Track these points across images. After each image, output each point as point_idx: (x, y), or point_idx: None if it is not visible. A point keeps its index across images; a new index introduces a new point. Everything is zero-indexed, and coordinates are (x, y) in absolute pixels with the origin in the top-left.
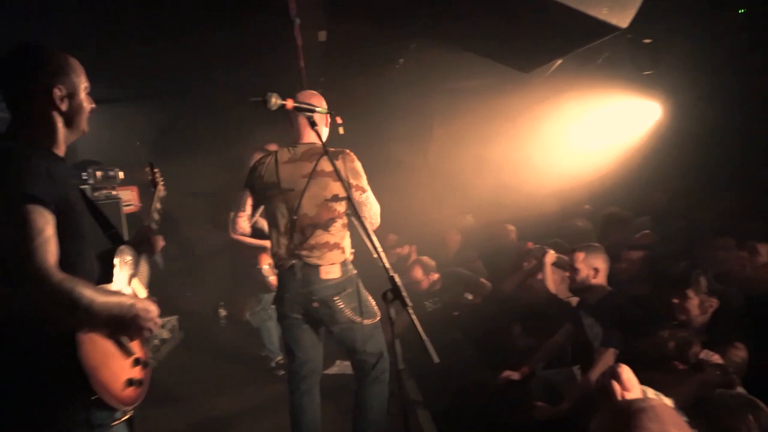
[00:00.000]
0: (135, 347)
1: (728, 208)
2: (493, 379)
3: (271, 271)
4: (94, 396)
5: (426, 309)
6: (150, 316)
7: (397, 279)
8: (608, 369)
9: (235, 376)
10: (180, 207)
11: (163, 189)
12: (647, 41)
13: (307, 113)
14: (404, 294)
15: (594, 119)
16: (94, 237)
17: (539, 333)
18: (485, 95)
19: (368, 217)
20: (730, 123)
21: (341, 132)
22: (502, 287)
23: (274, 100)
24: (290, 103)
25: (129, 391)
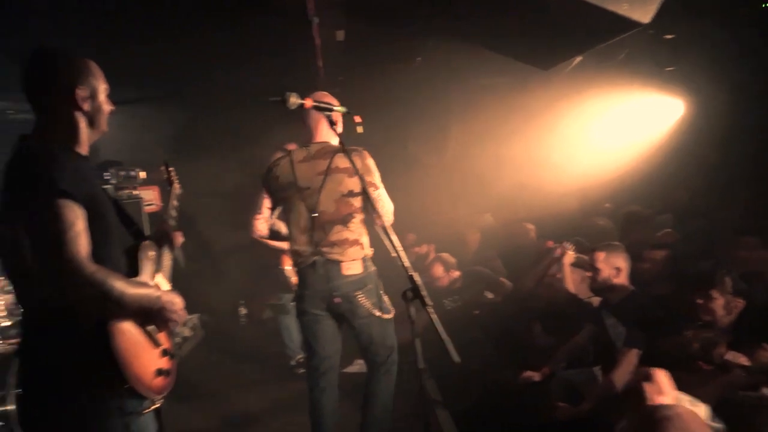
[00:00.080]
0: (162, 338)
1: (751, 207)
2: (514, 380)
3: (294, 272)
4: (127, 385)
5: (445, 307)
6: (175, 308)
7: (417, 278)
8: (642, 371)
9: (255, 374)
10: (199, 206)
11: (179, 187)
12: (669, 37)
13: (326, 112)
14: (424, 293)
15: (614, 116)
16: (119, 233)
17: (559, 332)
18: (504, 93)
19: (382, 214)
20: (754, 120)
21: (360, 131)
22: (522, 284)
23: (293, 100)
24: (309, 103)
25: (158, 381)
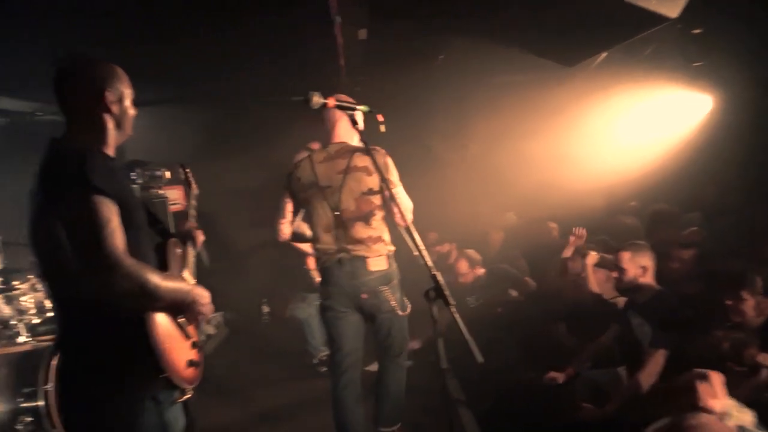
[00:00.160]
0: (191, 331)
1: None
2: (538, 380)
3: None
4: (163, 374)
5: (468, 305)
6: (205, 302)
7: (440, 277)
8: (697, 372)
9: (278, 372)
10: (222, 205)
11: (196, 188)
12: (697, 31)
13: (348, 111)
14: (447, 292)
15: (641, 113)
16: (147, 231)
17: (584, 333)
18: (527, 90)
19: (402, 211)
20: None
21: (382, 130)
22: (544, 279)
23: (316, 99)
24: (332, 102)
25: (190, 371)
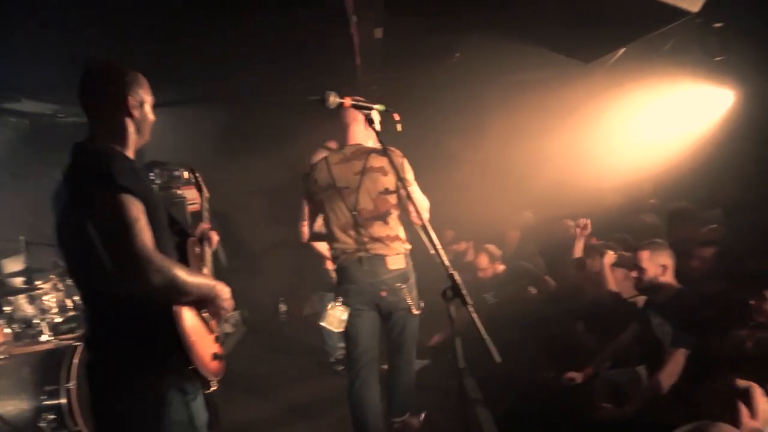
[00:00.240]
0: (213, 325)
1: None
2: (556, 380)
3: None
4: (191, 366)
5: (486, 302)
6: (227, 297)
7: (457, 277)
8: (739, 387)
9: (296, 370)
10: (240, 204)
11: (206, 190)
12: (718, 25)
13: (364, 111)
14: (464, 292)
15: (660, 108)
16: (168, 230)
17: (603, 332)
18: (543, 87)
19: (419, 210)
20: None
21: (399, 129)
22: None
23: (333, 99)
24: (348, 102)
25: (215, 364)
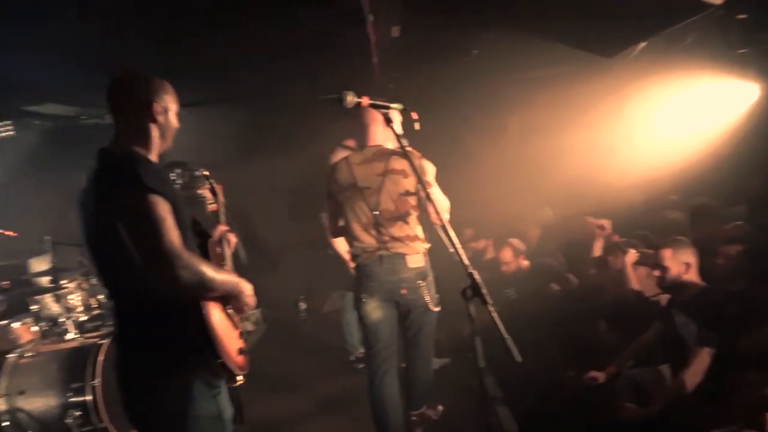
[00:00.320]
0: (237, 321)
1: None
2: (577, 379)
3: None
4: (220, 360)
5: (508, 297)
6: (250, 293)
7: (476, 276)
8: None
9: (316, 368)
10: (259, 203)
11: (222, 195)
12: (741, 17)
13: (382, 110)
14: (484, 291)
15: (682, 103)
16: (190, 230)
17: (626, 330)
18: (563, 83)
19: (439, 212)
20: None
21: (417, 128)
22: (584, 276)
23: (350, 99)
24: (365, 101)
25: (241, 359)
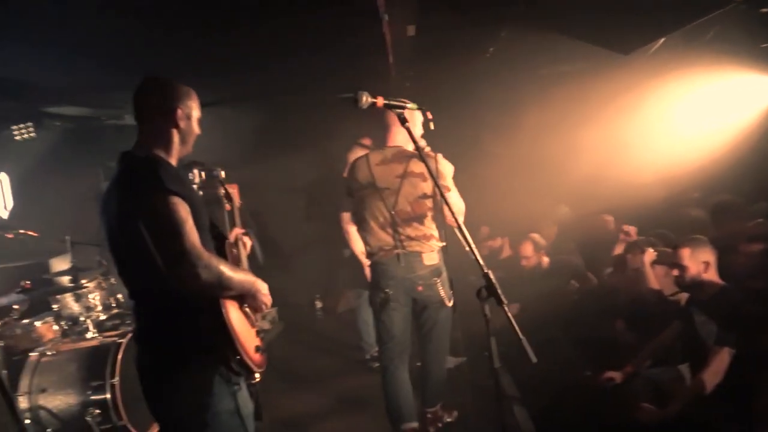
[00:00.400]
0: (254, 319)
1: None
2: (594, 379)
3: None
4: (238, 356)
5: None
6: (266, 292)
7: (492, 276)
8: None
9: (332, 367)
10: (276, 202)
11: (238, 196)
12: (764, 10)
13: (397, 110)
14: (499, 291)
15: (702, 98)
16: (208, 233)
17: (644, 329)
18: (580, 78)
19: (455, 214)
20: None
21: (431, 127)
22: (602, 275)
23: (365, 99)
24: (380, 101)
25: (258, 356)
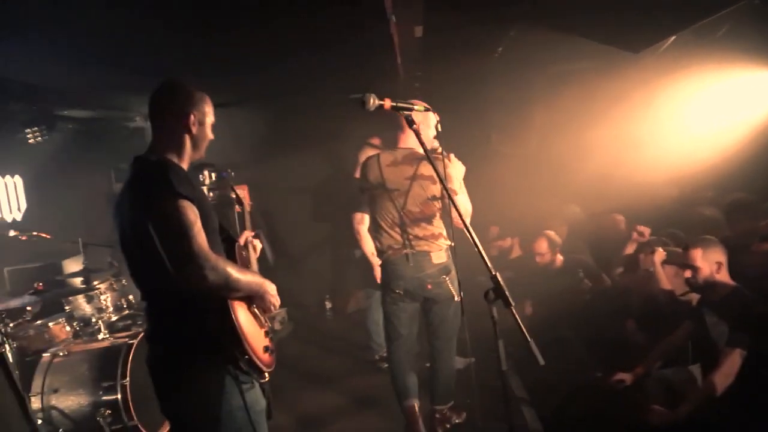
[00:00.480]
0: (263, 320)
1: None
2: (604, 380)
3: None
4: (247, 356)
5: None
6: (274, 293)
7: (500, 278)
8: None
9: (341, 367)
10: (285, 203)
11: (248, 198)
12: None
13: (404, 112)
14: (507, 293)
15: (714, 96)
16: (218, 235)
17: (655, 330)
18: (589, 77)
19: (462, 216)
20: None
21: (438, 129)
22: (613, 275)
23: (372, 101)
24: (388, 103)
25: (267, 356)
